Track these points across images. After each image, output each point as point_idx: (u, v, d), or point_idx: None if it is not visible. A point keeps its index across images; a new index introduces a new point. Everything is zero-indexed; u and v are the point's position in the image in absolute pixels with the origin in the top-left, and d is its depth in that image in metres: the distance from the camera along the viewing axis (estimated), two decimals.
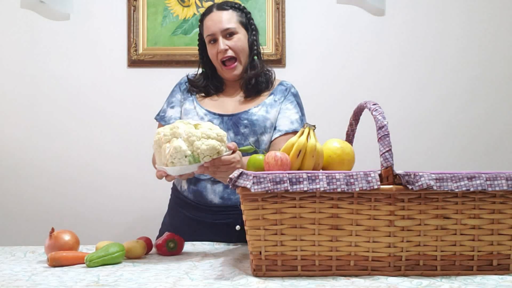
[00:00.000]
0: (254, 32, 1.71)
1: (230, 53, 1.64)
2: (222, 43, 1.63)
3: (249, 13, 1.73)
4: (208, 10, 1.69)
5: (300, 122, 1.68)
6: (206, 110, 1.67)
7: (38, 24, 2.50)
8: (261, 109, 1.66)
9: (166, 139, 1.28)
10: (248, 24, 1.71)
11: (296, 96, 1.73)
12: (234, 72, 1.67)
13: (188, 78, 1.75)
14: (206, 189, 1.63)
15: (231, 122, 1.64)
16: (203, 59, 1.74)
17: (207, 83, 1.72)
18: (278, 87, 1.73)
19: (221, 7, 1.68)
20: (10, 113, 2.50)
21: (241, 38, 1.66)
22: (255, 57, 1.71)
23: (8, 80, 2.50)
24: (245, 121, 1.63)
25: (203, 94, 1.72)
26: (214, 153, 1.27)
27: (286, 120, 1.67)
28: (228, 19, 1.65)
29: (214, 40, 1.66)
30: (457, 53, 2.54)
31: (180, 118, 1.70)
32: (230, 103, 1.70)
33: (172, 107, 1.72)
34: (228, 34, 1.65)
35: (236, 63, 1.66)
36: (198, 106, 1.68)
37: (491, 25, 2.55)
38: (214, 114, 1.66)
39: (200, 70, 1.76)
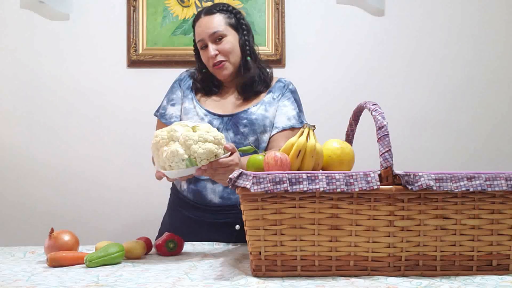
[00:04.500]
0: (245, 33, 1.69)
1: (220, 57, 1.64)
2: (212, 49, 1.63)
3: (239, 13, 1.71)
4: (197, 16, 1.69)
5: (297, 118, 1.68)
6: (206, 110, 1.67)
7: (38, 24, 2.50)
8: (260, 108, 1.66)
9: (163, 142, 1.29)
10: (238, 24, 1.69)
11: (293, 92, 1.73)
12: (224, 72, 1.66)
13: (193, 78, 1.75)
14: (206, 188, 1.63)
15: (231, 122, 1.64)
16: (200, 62, 1.74)
17: (208, 83, 1.72)
18: (276, 84, 1.72)
19: (208, 11, 1.67)
20: (9, 113, 2.50)
21: (230, 40, 1.65)
22: (248, 58, 1.69)
23: (7, 80, 2.50)
24: (245, 121, 1.63)
25: (204, 93, 1.72)
26: (211, 156, 1.28)
27: (283, 116, 1.67)
28: (215, 23, 1.64)
29: (205, 46, 1.66)
30: (457, 53, 2.55)
31: (180, 116, 1.70)
32: (229, 103, 1.70)
33: (173, 105, 1.72)
34: (217, 38, 1.64)
35: (224, 63, 1.65)
36: (198, 106, 1.68)
37: (491, 24, 2.55)
38: (214, 114, 1.66)
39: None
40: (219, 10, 1.67)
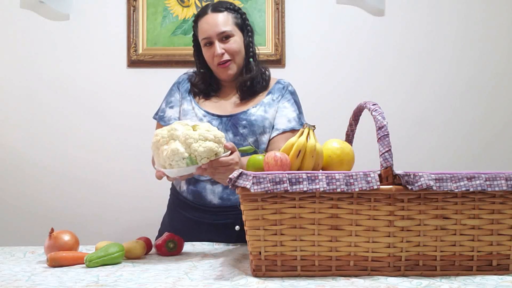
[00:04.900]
0: (249, 34, 1.69)
1: (226, 56, 1.63)
2: (219, 47, 1.61)
3: (244, 13, 1.71)
4: (203, 12, 1.66)
5: (297, 120, 1.67)
6: (205, 111, 1.66)
7: (38, 24, 2.50)
8: (259, 109, 1.66)
9: (164, 141, 1.28)
10: (244, 25, 1.68)
11: (293, 94, 1.72)
12: (229, 72, 1.65)
13: (190, 82, 1.74)
14: (205, 189, 1.63)
15: (230, 123, 1.64)
16: (199, 60, 1.73)
17: (206, 85, 1.71)
18: (276, 85, 1.72)
19: (216, 8, 1.64)
20: (9, 113, 2.50)
21: (237, 40, 1.64)
22: (251, 59, 1.68)
23: (7, 80, 2.50)
24: (244, 122, 1.63)
25: (202, 96, 1.71)
26: (211, 155, 1.28)
27: (283, 118, 1.66)
28: (223, 21, 1.63)
29: (210, 43, 1.64)
30: (457, 53, 2.55)
31: (179, 118, 1.70)
32: (228, 104, 1.69)
33: (171, 107, 1.72)
34: (224, 37, 1.62)
35: (229, 63, 1.64)
36: (196, 107, 1.68)
37: (490, 25, 2.55)
38: (213, 115, 1.65)
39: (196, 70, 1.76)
40: (227, 9, 1.65)
